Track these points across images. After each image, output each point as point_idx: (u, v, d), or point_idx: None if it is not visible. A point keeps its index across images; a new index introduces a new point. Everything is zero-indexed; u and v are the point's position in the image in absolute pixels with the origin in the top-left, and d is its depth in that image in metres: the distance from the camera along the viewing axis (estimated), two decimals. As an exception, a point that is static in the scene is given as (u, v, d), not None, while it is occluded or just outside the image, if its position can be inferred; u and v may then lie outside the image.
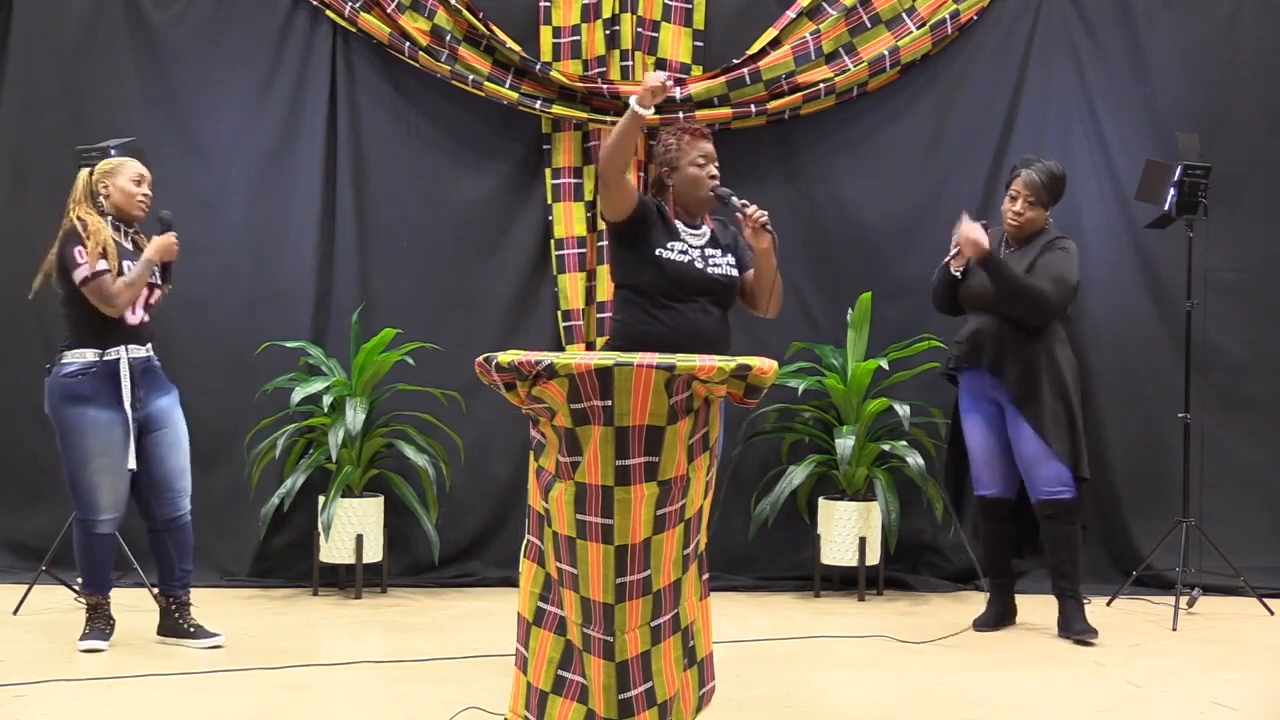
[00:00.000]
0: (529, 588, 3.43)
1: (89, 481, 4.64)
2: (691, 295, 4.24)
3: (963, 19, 6.06)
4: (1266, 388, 6.09)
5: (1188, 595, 5.55)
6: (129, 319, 4.66)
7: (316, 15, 6.09)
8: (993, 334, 5.05)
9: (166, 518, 4.77)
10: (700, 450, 3.34)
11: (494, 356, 3.29)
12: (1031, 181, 5.04)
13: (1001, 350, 5.04)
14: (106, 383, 4.64)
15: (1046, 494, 5.02)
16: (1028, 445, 5.03)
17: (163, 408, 4.76)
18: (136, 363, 4.68)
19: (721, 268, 4.31)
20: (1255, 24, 6.10)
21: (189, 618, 4.83)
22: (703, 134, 4.38)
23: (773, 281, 4.35)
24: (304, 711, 4.07)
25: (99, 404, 4.62)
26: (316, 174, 6.08)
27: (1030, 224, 5.08)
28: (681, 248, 4.26)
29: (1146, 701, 4.27)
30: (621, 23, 5.99)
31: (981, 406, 5.16)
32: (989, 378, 5.09)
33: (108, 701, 4.11)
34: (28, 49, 6.14)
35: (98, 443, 4.61)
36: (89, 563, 4.74)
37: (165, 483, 4.75)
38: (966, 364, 5.13)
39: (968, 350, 5.12)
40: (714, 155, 4.35)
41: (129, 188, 4.73)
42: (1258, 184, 6.06)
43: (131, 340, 4.68)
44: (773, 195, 6.09)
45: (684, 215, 4.34)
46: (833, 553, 5.85)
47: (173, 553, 4.80)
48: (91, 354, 4.65)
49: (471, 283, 6.13)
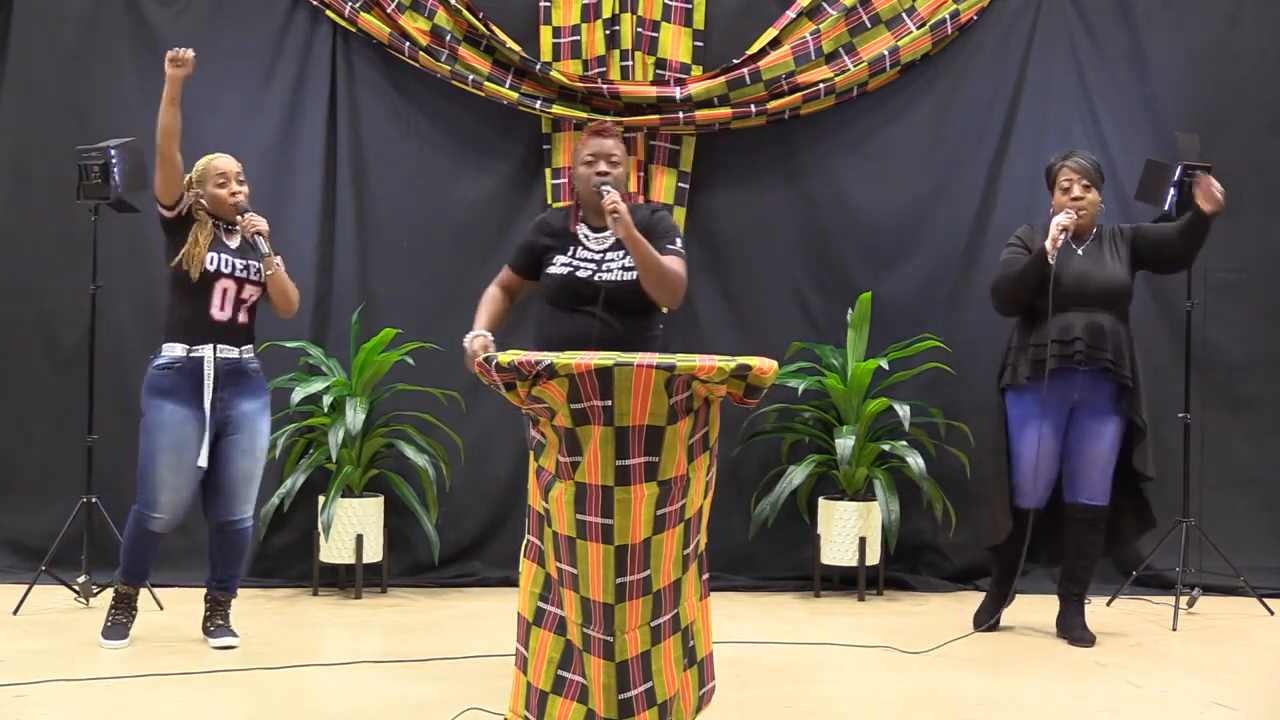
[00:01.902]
0: (529, 588, 3.43)
1: (153, 475, 4.65)
2: (579, 305, 4.10)
3: (963, 19, 6.06)
4: (1266, 388, 6.09)
5: (1188, 595, 5.55)
6: (215, 315, 4.65)
7: (316, 15, 6.09)
8: (1110, 330, 4.89)
9: (221, 519, 4.76)
10: (700, 450, 3.34)
11: (494, 356, 3.29)
12: (1080, 166, 5.01)
13: (1119, 347, 4.89)
14: (189, 379, 4.64)
15: (1089, 499, 4.98)
16: (1098, 447, 4.94)
17: (245, 412, 4.73)
18: (224, 363, 4.67)
19: (614, 273, 4.11)
20: (1255, 24, 6.11)
21: (216, 617, 4.85)
22: (598, 130, 4.23)
23: (648, 268, 4.01)
24: (304, 711, 4.07)
25: (177, 399, 4.63)
26: (316, 174, 6.08)
27: (1095, 208, 5.01)
28: (565, 260, 4.14)
29: (1146, 701, 4.27)
30: (621, 23, 5.99)
31: (1051, 413, 4.94)
32: (1081, 379, 4.90)
33: (108, 701, 4.11)
34: (28, 49, 6.14)
35: (168, 438, 4.63)
36: (133, 553, 4.76)
37: (227, 486, 4.74)
38: (1089, 362, 4.87)
39: (1089, 348, 4.86)
40: (605, 151, 4.16)
41: (217, 192, 4.72)
42: (1258, 184, 6.06)
43: (221, 339, 4.67)
44: (773, 195, 6.12)
45: (590, 219, 4.21)
46: (833, 553, 5.85)
47: (219, 554, 4.80)
48: (180, 349, 4.66)
49: (471, 283, 6.04)
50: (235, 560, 4.83)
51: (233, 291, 4.68)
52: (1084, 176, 4.99)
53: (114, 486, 5.52)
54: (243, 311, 4.73)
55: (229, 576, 4.84)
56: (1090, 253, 5.00)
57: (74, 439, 5.66)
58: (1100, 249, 5.02)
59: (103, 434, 5.50)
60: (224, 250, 4.69)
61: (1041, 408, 4.92)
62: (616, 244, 4.16)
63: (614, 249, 4.16)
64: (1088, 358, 4.87)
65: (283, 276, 4.78)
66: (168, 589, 5.50)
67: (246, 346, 4.76)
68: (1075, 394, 4.94)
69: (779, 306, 6.11)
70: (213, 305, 4.65)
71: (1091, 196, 5.00)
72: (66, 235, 5.89)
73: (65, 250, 5.91)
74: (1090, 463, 4.97)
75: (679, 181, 6.01)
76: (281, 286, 4.77)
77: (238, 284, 4.69)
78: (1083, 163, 5.02)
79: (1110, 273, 4.97)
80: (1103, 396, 4.94)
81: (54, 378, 6.06)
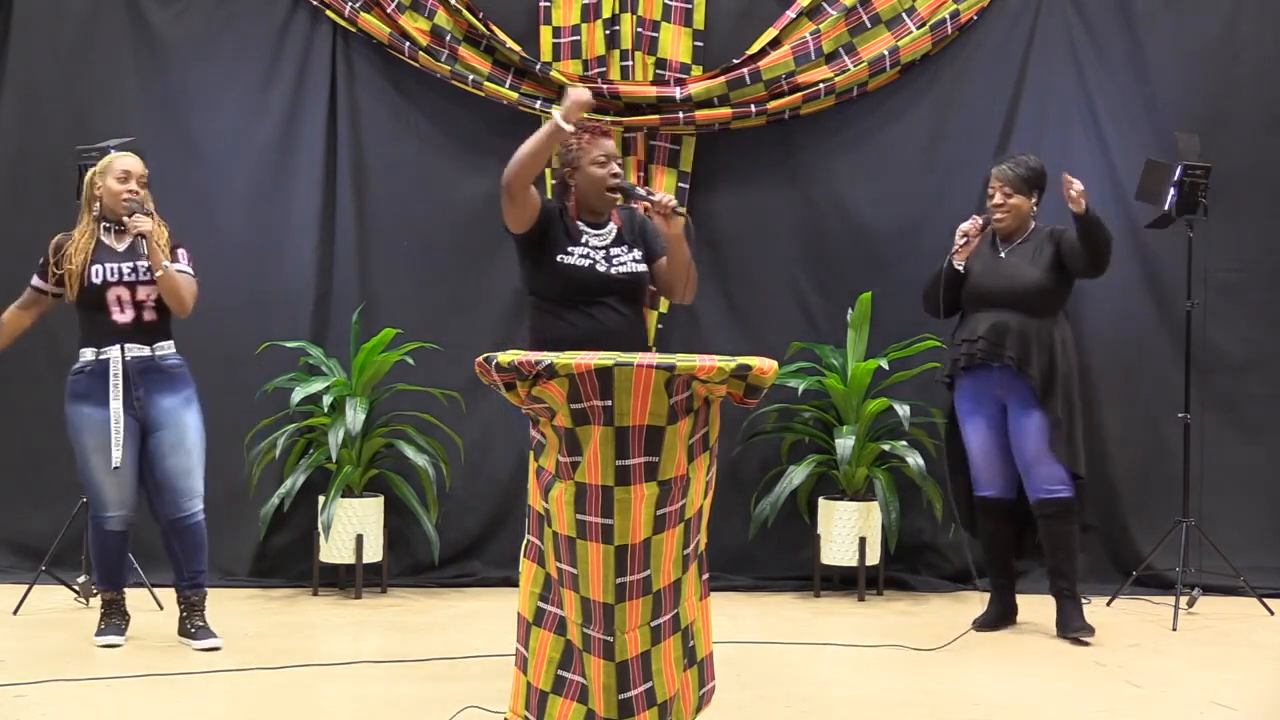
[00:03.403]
0: (529, 588, 3.43)
1: (90, 478, 4.69)
2: (597, 298, 4.16)
3: (963, 19, 6.06)
4: (1266, 388, 6.08)
5: (1188, 595, 5.55)
6: (117, 319, 4.65)
7: (316, 15, 6.09)
8: (1016, 328, 5.01)
9: (170, 518, 4.76)
10: (700, 450, 3.34)
11: (494, 356, 3.29)
12: (1003, 173, 5.14)
13: (1026, 344, 5.00)
14: (101, 381, 4.66)
15: (1046, 493, 5.02)
16: (1030, 443, 5.03)
17: (166, 408, 4.73)
18: (136, 362, 4.67)
19: (626, 265, 4.20)
20: (1255, 24, 6.10)
21: (194, 618, 4.83)
22: (604, 131, 4.29)
23: (686, 267, 4.20)
24: (304, 711, 4.07)
25: (93, 402, 4.66)
26: (316, 174, 6.08)
27: (1017, 213, 5.13)
28: (582, 252, 4.19)
29: (1146, 701, 4.27)
30: (621, 23, 5.99)
31: (984, 407, 5.14)
32: (998, 375, 5.06)
33: (108, 701, 4.11)
34: (28, 49, 6.14)
35: (93, 440, 4.66)
36: (100, 558, 4.79)
37: (164, 483, 4.74)
38: (988, 360, 5.04)
39: (989, 345, 5.03)
40: (615, 153, 4.26)
41: (113, 186, 4.71)
42: (1258, 184, 6.06)
43: (127, 339, 4.67)
44: (773, 195, 6.11)
45: (588, 215, 4.25)
46: (833, 553, 5.85)
47: (178, 553, 4.80)
48: (89, 353, 4.69)
49: (471, 283, 6.12)
50: (196, 555, 4.79)
51: (126, 296, 4.67)
52: (1006, 184, 5.13)
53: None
54: (146, 310, 4.69)
55: (195, 573, 4.80)
56: (1016, 254, 5.13)
57: (74, 439, 5.66)
58: (1027, 250, 5.12)
59: (103, 434, 5.50)
60: (108, 258, 4.68)
61: (971, 403, 5.15)
62: (619, 239, 4.23)
63: (616, 244, 4.23)
64: (990, 355, 5.03)
65: (172, 277, 4.63)
66: (168, 589, 5.48)
67: (161, 343, 4.72)
68: (997, 390, 5.09)
69: (779, 306, 6.11)
70: (111, 312, 4.65)
71: (1014, 202, 5.12)
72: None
73: (65, 250, 5.90)
74: (1033, 458, 5.03)
75: (679, 181, 6.01)
76: (170, 288, 4.64)
77: (128, 288, 4.67)
78: (1006, 170, 5.15)
79: (1021, 274, 5.08)
80: (1024, 392, 5.03)
81: (54, 378, 6.01)
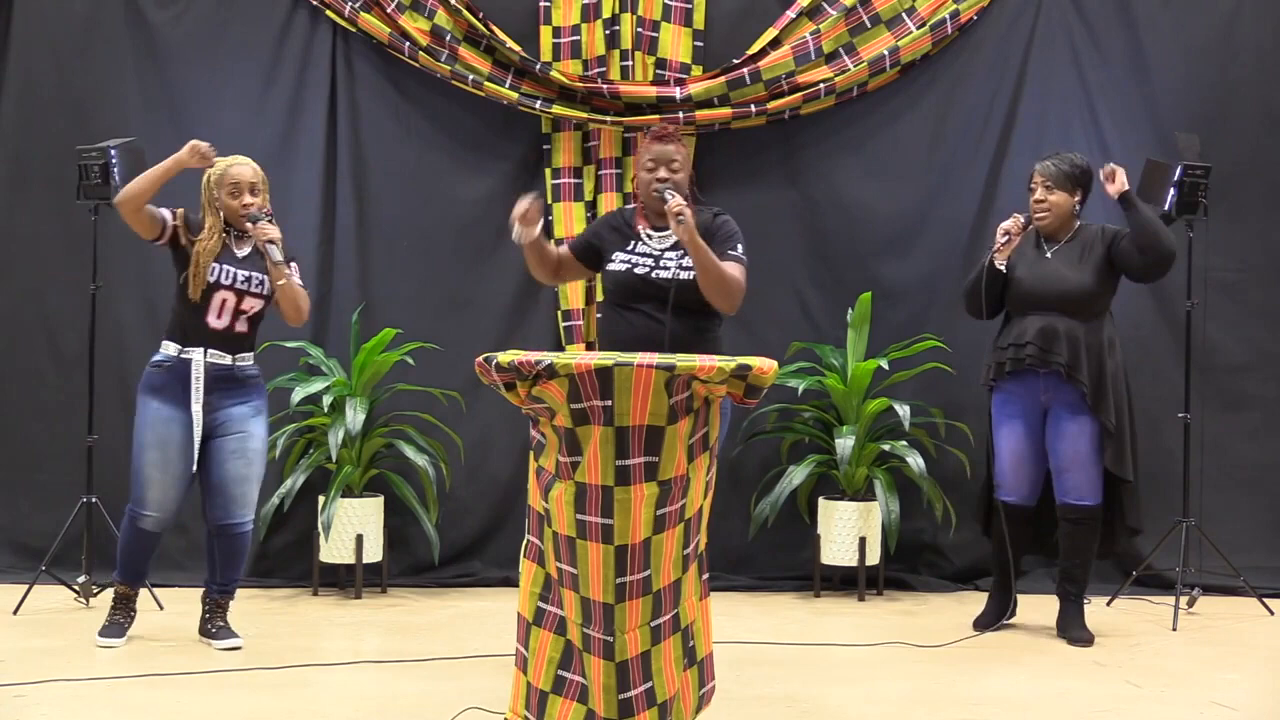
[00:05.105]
0: (529, 588, 3.43)
1: (140, 472, 4.69)
2: (635, 302, 4.24)
3: (963, 19, 6.06)
4: (1266, 388, 6.09)
5: (1188, 595, 5.55)
6: (212, 323, 4.66)
7: (316, 15, 6.09)
8: (1065, 333, 4.90)
9: (217, 523, 4.76)
10: (700, 450, 3.34)
11: (494, 356, 3.30)
12: (1045, 169, 5.04)
13: (1075, 350, 4.90)
14: (176, 379, 4.66)
15: (1076, 499, 4.98)
16: (1069, 447, 4.95)
17: (234, 415, 4.72)
18: (214, 368, 4.67)
19: (670, 270, 4.22)
20: (1255, 24, 6.10)
21: (217, 619, 4.84)
22: (658, 135, 4.34)
23: (707, 274, 4.13)
24: (304, 711, 4.07)
25: (164, 398, 4.66)
26: (316, 174, 6.08)
27: (1058, 210, 5.02)
28: (625, 256, 4.28)
29: (1146, 701, 4.27)
30: (621, 23, 5.99)
31: (1025, 413, 5.03)
32: (1045, 380, 4.95)
33: (108, 701, 4.11)
34: (28, 49, 6.13)
35: (153, 435, 4.66)
36: (127, 552, 4.78)
37: (220, 488, 4.73)
38: (1036, 365, 4.92)
39: (1039, 351, 4.90)
40: (666, 157, 4.27)
41: (229, 202, 4.70)
42: (1258, 184, 6.06)
43: (214, 345, 4.67)
44: (773, 195, 6.11)
45: (653, 218, 4.33)
46: (833, 553, 5.85)
47: (219, 558, 4.80)
48: (172, 348, 4.69)
49: (471, 283, 6.13)
50: (235, 564, 4.83)
51: (232, 302, 4.68)
52: (1048, 178, 5.02)
53: (114, 487, 5.50)
54: (241, 321, 4.72)
55: (229, 580, 4.84)
56: (1061, 255, 5.02)
57: (74, 439, 5.66)
58: (1073, 251, 5.02)
59: (103, 434, 5.51)
60: (230, 261, 4.69)
61: (1012, 408, 5.05)
62: (676, 244, 4.25)
63: (673, 249, 4.27)
64: (1040, 361, 4.93)
65: (293, 287, 4.71)
66: (168, 589, 5.50)
67: (243, 354, 4.74)
68: (1042, 395, 5.00)
69: (779, 306, 6.11)
70: (210, 314, 4.65)
71: (1055, 198, 5.02)
72: (66, 235, 5.88)
73: (65, 250, 5.91)
74: (1068, 463, 4.98)
75: (679, 181, 6.01)
76: (291, 297, 4.70)
77: (237, 295, 4.68)
78: (1050, 165, 5.05)
79: (1066, 276, 4.97)
80: (1072, 397, 4.95)
81: (54, 377, 6.06)
